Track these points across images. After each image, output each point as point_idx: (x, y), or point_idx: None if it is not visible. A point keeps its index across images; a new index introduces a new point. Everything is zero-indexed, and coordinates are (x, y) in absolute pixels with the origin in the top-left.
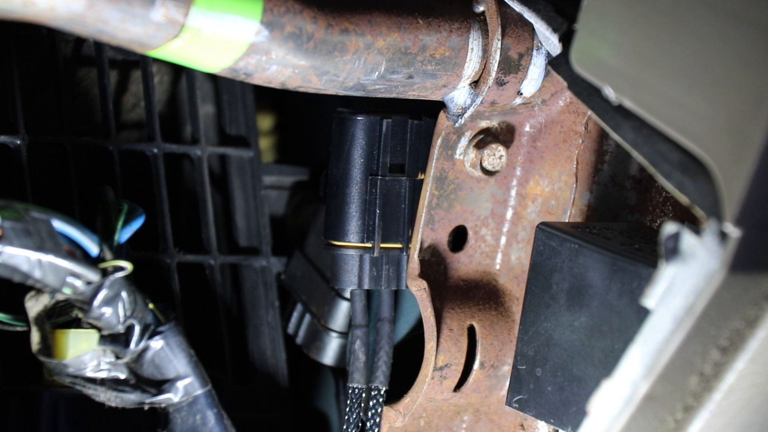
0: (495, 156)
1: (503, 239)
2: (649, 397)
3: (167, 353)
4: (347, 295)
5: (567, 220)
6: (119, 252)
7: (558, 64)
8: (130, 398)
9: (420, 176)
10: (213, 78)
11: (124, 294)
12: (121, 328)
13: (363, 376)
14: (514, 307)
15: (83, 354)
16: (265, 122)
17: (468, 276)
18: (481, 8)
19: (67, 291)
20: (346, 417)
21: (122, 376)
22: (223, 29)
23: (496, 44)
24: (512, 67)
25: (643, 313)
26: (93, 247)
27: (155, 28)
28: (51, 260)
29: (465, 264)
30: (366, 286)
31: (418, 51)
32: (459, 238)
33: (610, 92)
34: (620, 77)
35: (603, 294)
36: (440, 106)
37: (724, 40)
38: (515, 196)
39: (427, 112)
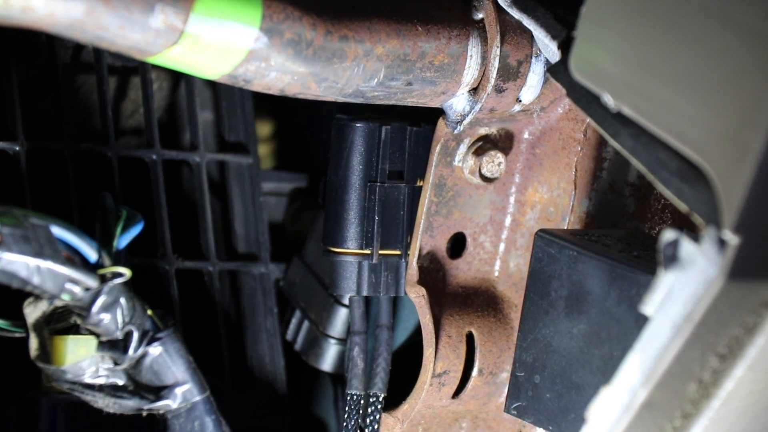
0: (494, 163)
1: (502, 246)
2: (647, 405)
3: (166, 359)
4: (346, 301)
5: (566, 227)
6: (118, 258)
7: (557, 71)
8: (128, 404)
9: (419, 183)
10: (212, 84)
11: (122, 300)
12: (119, 335)
13: (361, 383)
14: (513, 314)
15: (81, 360)
16: (264, 129)
17: (467, 283)
18: (480, 15)
19: (65, 297)
20: (345, 424)
21: (121, 383)
22: (222, 36)
23: (495, 51)
24: (511, 74)
25: (642, 320)
26: (92, 254)
27: (154, 35)
28: (50, 266)
29: (464, 271)
30: (365, 293)
31: (417, 58)
32: (458, 244)
33: (609, 99)
34: (619, 84)
35: (602, 301)
36: (439, 112)
37: (722, 48)
38: (514, 203)
39: (426, 119)
